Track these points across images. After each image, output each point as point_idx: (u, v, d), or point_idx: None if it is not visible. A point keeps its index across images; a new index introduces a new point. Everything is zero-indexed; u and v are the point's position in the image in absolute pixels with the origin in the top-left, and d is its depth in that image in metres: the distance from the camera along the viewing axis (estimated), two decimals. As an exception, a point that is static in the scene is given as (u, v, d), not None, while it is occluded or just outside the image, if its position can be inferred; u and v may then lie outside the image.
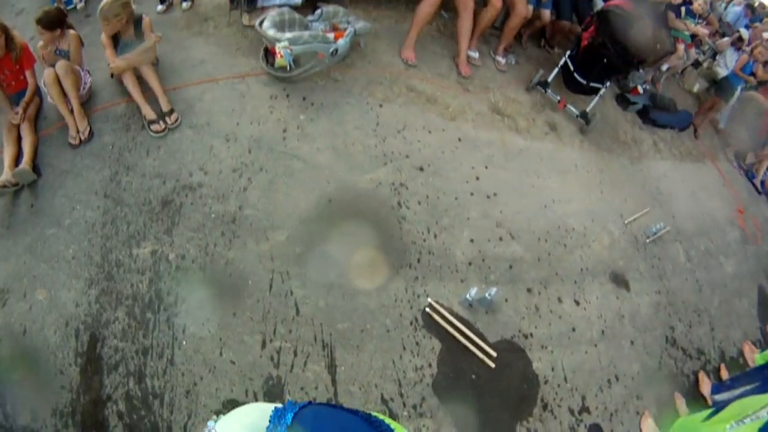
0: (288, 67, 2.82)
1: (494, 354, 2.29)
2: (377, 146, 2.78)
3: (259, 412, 0.63)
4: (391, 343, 2.22)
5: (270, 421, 0.59)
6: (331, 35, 2.97)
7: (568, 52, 3.60)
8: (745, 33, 5.32)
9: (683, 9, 4.80)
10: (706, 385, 2.75)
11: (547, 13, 3.76)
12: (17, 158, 2.51)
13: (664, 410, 2.58)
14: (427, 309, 2.32)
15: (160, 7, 3.41)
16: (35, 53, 2.71)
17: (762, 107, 5.25)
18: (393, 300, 2.31)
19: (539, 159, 3.23)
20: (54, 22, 2.59)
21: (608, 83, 3.60)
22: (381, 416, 0.71)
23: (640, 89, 4.10)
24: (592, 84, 3.54)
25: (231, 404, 2.00)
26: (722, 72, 5.34)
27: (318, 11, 3.13)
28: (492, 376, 2.28)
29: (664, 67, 4.79)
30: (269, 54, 2.89)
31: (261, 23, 2.84)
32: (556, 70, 3.63)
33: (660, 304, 3.06)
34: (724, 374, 2.94)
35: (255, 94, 2.87)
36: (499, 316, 2.46)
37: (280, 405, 0.66)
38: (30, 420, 1.93)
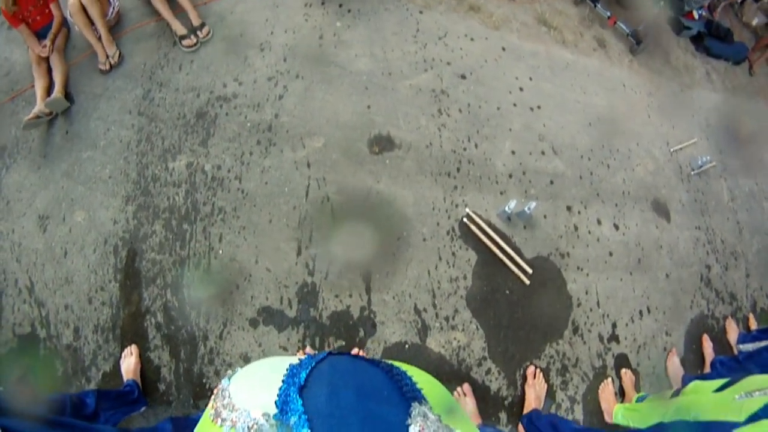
0: (322, -27, 2.69)
1: (530, 270, 2.26)
2: (417, 53, 2.66)
3: (275, 369, 0.58)
4: (426, 253, 2.20)
5: (283, 382, 0.54)
6: (367, -63, 2.80)
7: (621, -34, 3.33)
8: None
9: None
10: (733, 332, 2.68)
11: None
12: (49, 89, 2.50)
13: (690, 351, 2.54)
14: (465, 219, 2.28)
15: None
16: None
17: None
18: (431, 208, 2.27)
19: (586, 75, 3.05)
20: None
21: (662, 2, 3.35)
22: (404, 366, 0.65)
23: (695, 14, 3.77)
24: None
25: (265, 311, 2.03)
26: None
27: None
28: (526, 293, 2.26)
29: (723, -6, 4.40)
30: (302, -40, 2.77)
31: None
32: (607, -16, 3.37)
33: (699, 240, 2.94)
34: (753, 324, 2.85)
35: (289, 3, 2.75)
36: (537, 232, 2.40)
37: (296, 360, 0.60)
38: (72, 338, 2.01)
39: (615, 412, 2.12)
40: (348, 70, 2.52)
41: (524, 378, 2.12)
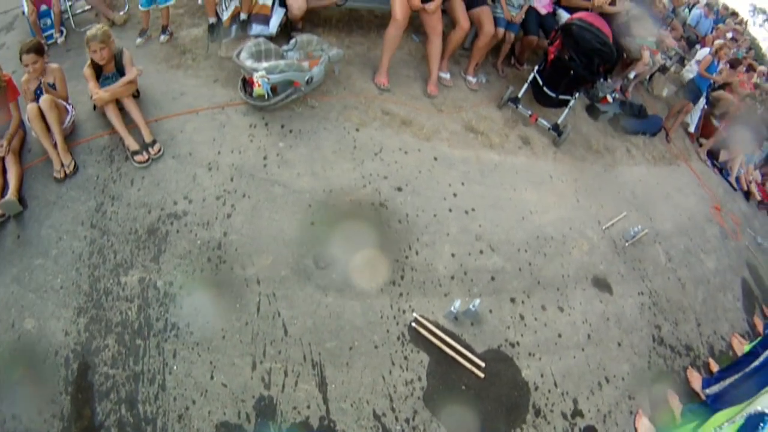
0: (266, 96, 2.92)
1: (482, 364, 2.33)
2: (356, 169, 2.86)
3: None
4: (379, 359, 2.26)
5: None
6: (306, 63, 3.08)
7: (536, 67, 3.73)
8: None
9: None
10: (696, 381, 2.80)
11: (511, 35, 3.94)
12: (2, 190, 2.51)
13: (658, 408, 2.61)
14: (413, 324, 2.37)
15: (139, 40, 3.49)
16: (18, 87, 2.72)
17: (731, 104, 5.45)
18: (379, 317, 2.36)
19: (514, 172, 3.32)
20: (39, 48, 2.64)
21: (577, 94, 3.72)
22: None
23: (609, 98, 4.24)
24: (561, 96, 3.66)
25: (224, 427, 2.01)
26: (690, 75, 5.55)
27: (293, 41, 3.25)
28: (482, 386, 2.32)
29: (632, 75, 4.97)
30: (247, 84, 2.99)
31: (238, 54, 2.95)
32: (525, 85, 3.76)
33: (644, 304, 3.12)
34: (714, 368, 2.98)
35: (235, 124, 2.95)
36: (485, 327, 2.51)
37: None
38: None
39: None
40: (291, 188, 2.69)
41: (492, 472, 2.13)
